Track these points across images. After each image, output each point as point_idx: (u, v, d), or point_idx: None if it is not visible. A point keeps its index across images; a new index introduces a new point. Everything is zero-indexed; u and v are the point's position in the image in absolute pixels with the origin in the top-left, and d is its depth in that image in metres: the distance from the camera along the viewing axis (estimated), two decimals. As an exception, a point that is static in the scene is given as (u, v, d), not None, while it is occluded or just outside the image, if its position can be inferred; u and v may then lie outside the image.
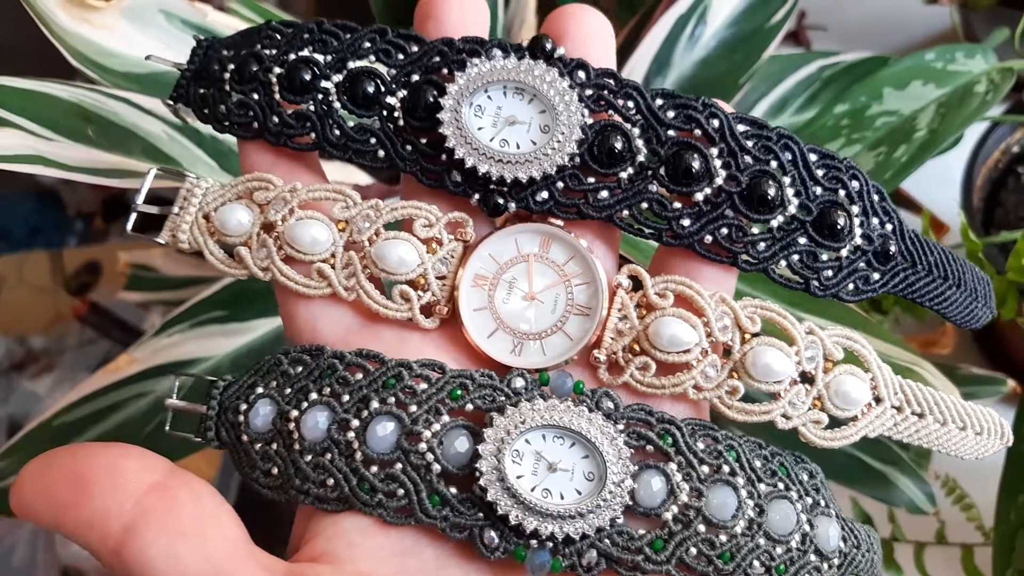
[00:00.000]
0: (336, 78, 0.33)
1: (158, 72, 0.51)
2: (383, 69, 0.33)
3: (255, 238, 0.33)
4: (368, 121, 0.33)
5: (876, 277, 0.33)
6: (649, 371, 0.32)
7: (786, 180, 0.32)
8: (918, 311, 0.67)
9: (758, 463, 0.31)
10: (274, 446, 0.31)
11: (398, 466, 0.30)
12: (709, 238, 0.32)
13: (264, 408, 0.32)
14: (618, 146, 0.31)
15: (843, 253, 0.32)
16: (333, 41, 0.33)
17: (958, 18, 0.87)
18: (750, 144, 0.32)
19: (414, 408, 0.31)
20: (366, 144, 0.33)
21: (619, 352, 0.32)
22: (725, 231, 0.32)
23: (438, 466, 0.30)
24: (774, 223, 0.32)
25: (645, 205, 0.32)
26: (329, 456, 0.30)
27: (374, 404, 0.31)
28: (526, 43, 0.32)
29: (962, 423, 0.34)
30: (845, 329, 0.33)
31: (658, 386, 0.32)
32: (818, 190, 0.32)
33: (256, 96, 0.33)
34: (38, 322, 1.17)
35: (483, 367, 0.32)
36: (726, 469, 0.31)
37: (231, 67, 0.34)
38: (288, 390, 0.32)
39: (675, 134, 0.32)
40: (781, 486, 0.31)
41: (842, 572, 0.32)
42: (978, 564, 0.64)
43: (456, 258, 0.33)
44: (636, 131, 0.32)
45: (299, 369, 0.32)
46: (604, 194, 0.32)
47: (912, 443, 0.33)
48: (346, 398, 0.31)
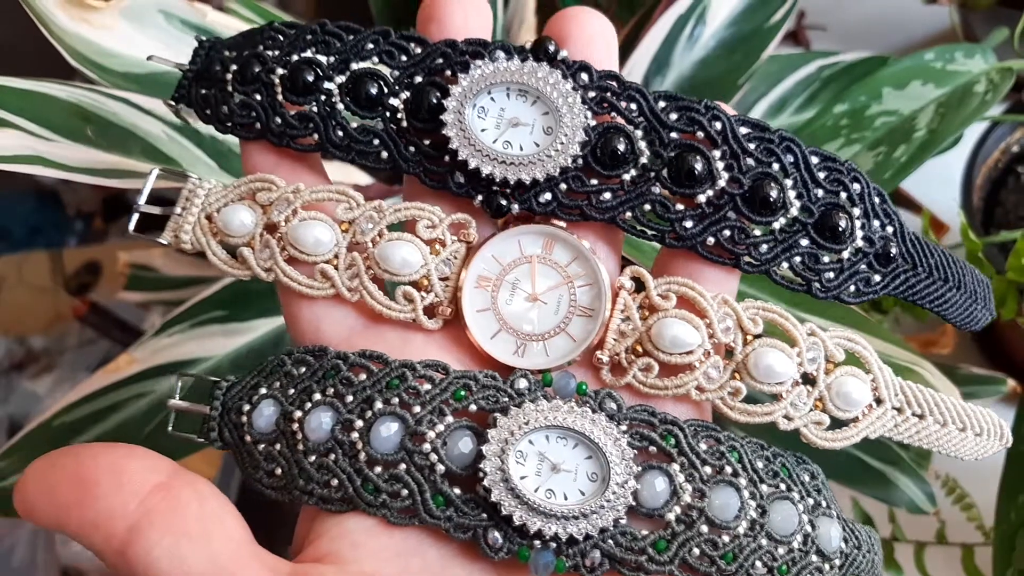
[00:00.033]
0: (339, 79, 0.33)
1: (157, 72, 0.51)
2: (386, 71, 0.33)
3: (258, 239, 0.33)
4: (371, 122, 0.33)
5: (877, 279, 0.33)
6: (652, 372, 0.32)
7: (788, 182, 0.32)
8: (918, 311, 0.67)
9: (760, 464, 0.31)
10: (278, 447, 0.32)
11: (402, 467, 0.30)
12: (712, 240, 0.32)
13: (267, 409, 0.32)
14: (621, 148, 0.32)
15: (844, 255, 0.32)
16: (336, 42, 0.33)
17: (957, 18, 0.87)
18: (752, 146, 0.32)
19: (418, 409, 0.31)
20: (369, 145, 0.33)
21: (622, 353, 0.32)
22: (727, 233, 0.32)
23: (442, 467, 0.30)
24: (776, 225, 0.32)
25: (648, 207, 0.32)
26: (333, 456, 0.31)
27: (378, 405, 0.31)
28: (529, 45, 0.32)
29: (962, 424, 0.34)
30: (846, 330, 0.33)
31: (661, 387, 0.32)
32: (820, 192, 0.32)
33: (259, 97, 0.33)
34: (38, 322, 1.16)
35: (486, 368, 0.32)
36: (729, 470, 0.31)
37: (233, 68, 0.34)
38: (291, 391, 0.32)
39: (678, 136, 0.32)
40: (783, 487, 0.31)
41: (843, 573, 0.32)
42: (978, 564, 0.64)
43: (459, 259, 0.33)
44: (639, 133, 0.32)
45: (302, 370, 0.32)
46: (607, 196, 0.32)
47: (912, 444, 0.34)
48: (350, 399, 0.31)
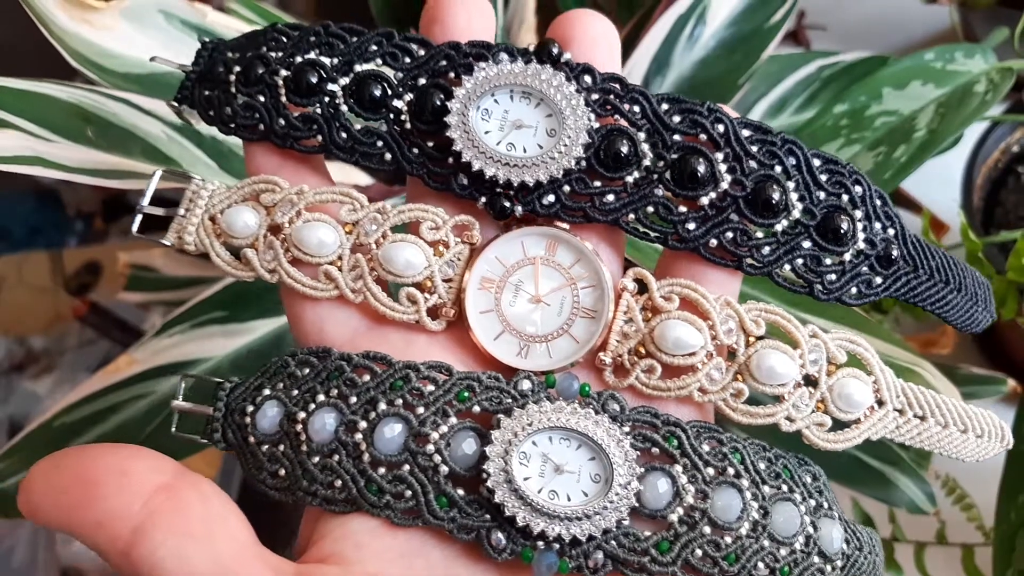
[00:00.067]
0: (343, 81, 0.33)
1: (158, 73, 0.51)
2: (390, 72, 0.33)
3: (262, 240, 0.33)
4: (375, 124, 0.33)
5: (879, 281, 0.33)
6: (654, 374, 0.32)
7: (790, 185, 0.32)
8: (918, 311, 0.67)
9: (762, 465, 0.32)
10: (281, 448, 0.32)
11: (406, 468, 0.30)
12: (714, 242, 0.32)
13: (271, 410, 0.32)
14: (624, 150, 0.32)
15: (846, 257, 0.32)
16: (340, 44, 0.33)
17: (957, 18, 0.87)
18: (755, 149, 0.32)
19: (421, 410, 0.31)
20: (373, 147, 0.33)
21: (625, 355, 0.32)
22: (730, 235, 0.32)
23: (445, 468, 0.30)
24: (778, 227, 0.32)
25: (651, 209, 0.32)
26: (337, 457, 0.31)
27: (381, 406, 0.31)
28: (533, 47, 0.32)
29: (963, 426, 0.34)
30: (848, 332, 0.33)
31: (663, 388, 0.32)
32: (822, 195, 0.32)
33: (262, 98, 0.33)
34: (38, 322, 1.16)
35: (489, 369, 0.33)
36: (731, 471, 0.31)
37: (236, 69, 0.34)
38: (295, 392, 0.32)
39: (681, 139, 0.32)
40: (785, 488, 0.32)
41: (845, 574, 0.32)
42: (978, 564, 0.64)
43: (463, 261, 0.33)
44: (642, 135, 0.32)
45: (306, 371, 0.32)
46: (610, 198, 0.32)
47: (914, 446, 0.34)
48: (353, 400, 0.31)
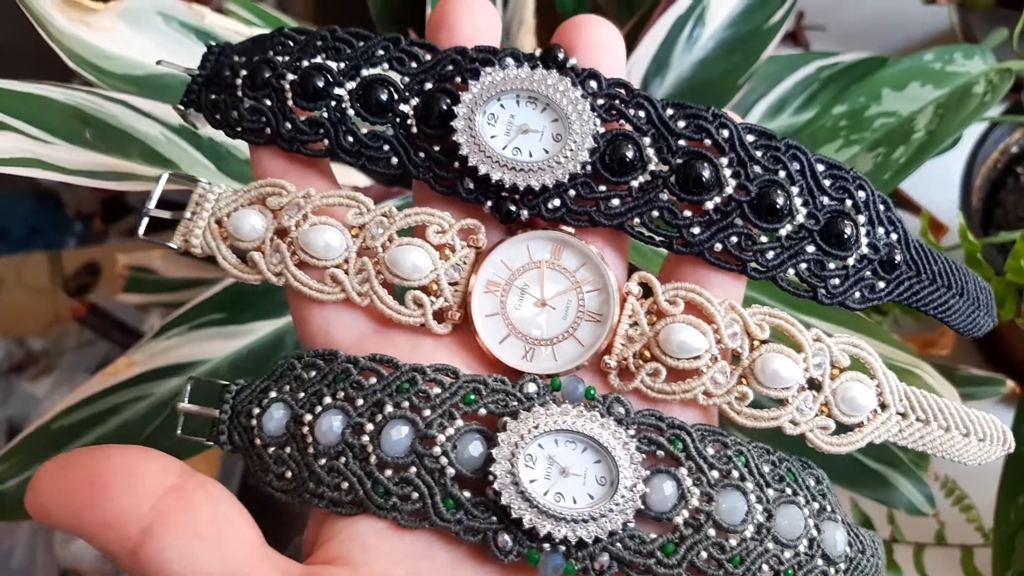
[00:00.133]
0: (349, 85, 0.33)
1: (156, 74, 0.51)
2: (396, 77, 0.33)
3: (268, 243, 0.34)
4: (381, 128, 0.33)
5: (882, 286, 0.33)
6: (659, 377, 0.32)
7: (794, 190, 0.32)
8: (917, 312, 0.67)
9: (766, 468, 0.32)
10: (287, 450, 0.32)
11: (412, 470, 0.30)
12: (719, 246, 0.32)
13: (277, 412, 0.32)
14: (629, 155, 0.32)
15: (850, 262, 0.33)
16: (346, 49, 0.33)
17: (956, 18, 0.87)
18: (759, 154, 0.32)
19: (428, 412, 0.31)
20: (379, 151, 0.33)
21: (630, 358, 0.33)
22: (735, 239, 0.32)
23: (452, 470, 0.30)
24: (782, 232, 0.32)
25: (656, 213, 0.32)
26: (343, 460, 0.31)
27: (388, 408, 0.31)
28: (539, 53, 0.32)
29: (965, 429, 0.34)
30: (851, 336, 0.33)
31: (668, 392, 0.32)
32: (825, 200, 0.32)
33: (269, 102, 0.33)
34: (37, 323, 1.16)
35: (495, 372, 0.33)
36: (735, 474, 0.31)
37: (243, 73, 0.34)
38: (301, 394, 0.32)
39: (685, 144, 0.32)
40: (789, 491, 0.32)
41: (848, 576, 0.32)
42: (978, 565, 0.64)
43: (468, 264, 0.34)
44: (647, 140, 0.32)
45: (312, 373, 0.32)
46: (616, 202, 0.32)
47: (916, 449, 0.34)
48: (360, 402, 0.31)
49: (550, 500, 0.30)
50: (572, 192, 0.32)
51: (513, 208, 0.33)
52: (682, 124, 0.32)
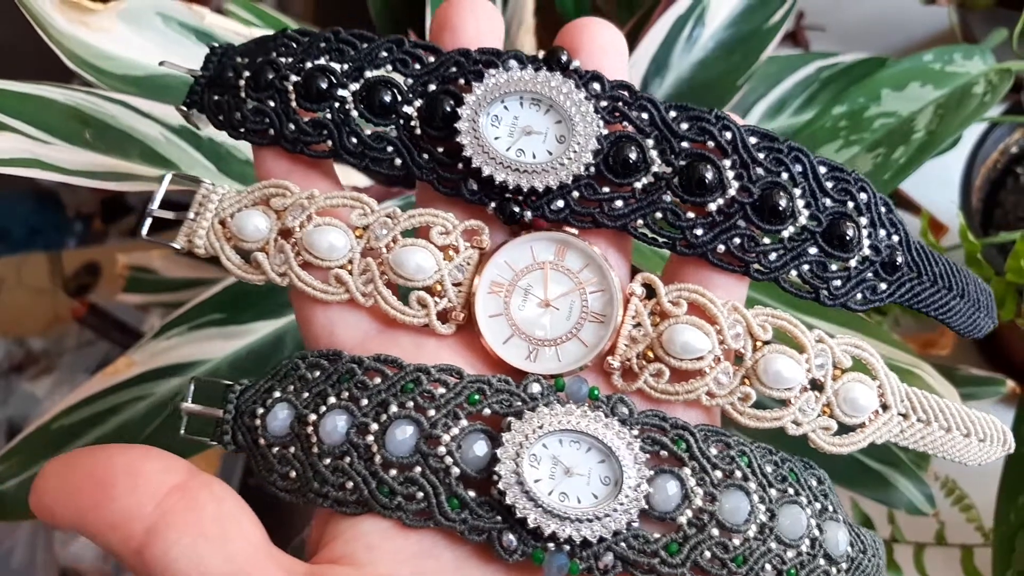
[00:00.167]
0: (353, 87, 0.33)
1: (156, 75, 0.51)
2: (400, 78, 0.33)
3: (272, 244, 0.34)
4: (384, 129, 0.33)
5: (883, 287, 0.33)
6: (663, 377, 0.32)
7: (797, 192, 0.32)
8: (917, 312, 0.67)
9: (769, 468, 0.32)
10: (292, 450, 0.32)
11: (417, 469, 0.31)
12: (722, 248, 0.32)
13: (282, 412, 0.32)
14: (633, 157, 0.32)
15: (852, 263, 0.33)
16: (350, 50, 0.33)
17: (956, 19, 0.87)
18: (762, 156, 0.32)
19: (433, 412, 0.31)
20: (383, 152, 0.33)
21: (633, 359, 0.33)
22: (737, 241, 0.32)
23: (457, 469, 0.30)
24: (785, 233, 0.32)
25: (659, 215, 0.32)
26: (348, 459, 0.31)
27: (393, 408, 0.31)
28: (542, 55, 0.33)
29: (966, 430, 0.34)
30: (853, 337, 0.33)
31: (672, 392, 0.32)
32: (828, 202, 0.33)
33: (272, 103, 0.33)
34: (37, 323, 1.16)
35: (498, 373, 0.33)
36: (738, 474, 0.31)
37: (246, 74, 0.34)
38: (306, 394, 0.32)
39: (688, 146, 0.32)
40: (791, 491, 0.32)
41: (849, 576, 0.32)
42: (978, 565, 0.64)
43: (472, 265, 0.34)
44: (650, 142, 0.32)
45: (317, 374, 0.33)
46: (619, 204, 0.33)
47: (917, 449, 0.34)
48: (364, 402, 0.31)
49: (555, 500, 0.30)
50: (576, 193, 0.33)
51: (517, 209, 0.33)
52: (685, 126, 0.32)
